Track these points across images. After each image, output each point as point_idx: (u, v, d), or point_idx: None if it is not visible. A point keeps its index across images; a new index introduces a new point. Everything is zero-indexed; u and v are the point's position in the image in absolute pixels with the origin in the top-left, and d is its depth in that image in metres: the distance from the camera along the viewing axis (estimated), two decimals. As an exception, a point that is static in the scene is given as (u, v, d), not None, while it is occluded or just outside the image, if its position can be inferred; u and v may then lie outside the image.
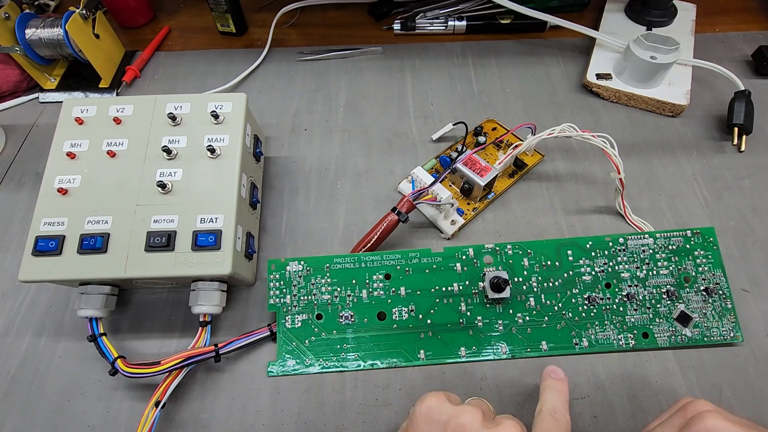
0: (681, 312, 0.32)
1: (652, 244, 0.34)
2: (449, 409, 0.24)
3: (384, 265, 0.34)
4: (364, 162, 0.42)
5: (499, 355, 0.32)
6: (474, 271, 0.34)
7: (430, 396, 0.25)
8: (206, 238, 0.30)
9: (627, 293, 0.33)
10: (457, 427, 0.23)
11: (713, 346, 0.32)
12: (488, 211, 0.39)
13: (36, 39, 0.45)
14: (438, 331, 0.33)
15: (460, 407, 0.24)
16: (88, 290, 0.31)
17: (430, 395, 0.25)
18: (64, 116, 0.35)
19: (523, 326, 0.33)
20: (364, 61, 0.50)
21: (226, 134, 0.34)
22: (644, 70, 0.43)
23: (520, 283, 0.33)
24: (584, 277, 0.34)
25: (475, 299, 0.33)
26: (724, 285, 0.33)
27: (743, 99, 0.42)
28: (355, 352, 0.32)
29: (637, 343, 0.32)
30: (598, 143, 0.35)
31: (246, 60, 0.50)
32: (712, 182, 0.40)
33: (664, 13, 0.49)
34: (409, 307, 0.33)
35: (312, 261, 0.34)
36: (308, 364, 0.32)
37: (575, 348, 0.32)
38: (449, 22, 0.52)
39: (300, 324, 0.33)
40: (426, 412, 0.24)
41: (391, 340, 0.32)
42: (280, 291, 0.33)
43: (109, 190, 0.32)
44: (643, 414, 0.30)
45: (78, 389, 0.32)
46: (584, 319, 0.33)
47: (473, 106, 0.46)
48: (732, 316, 0.32)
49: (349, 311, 0.33)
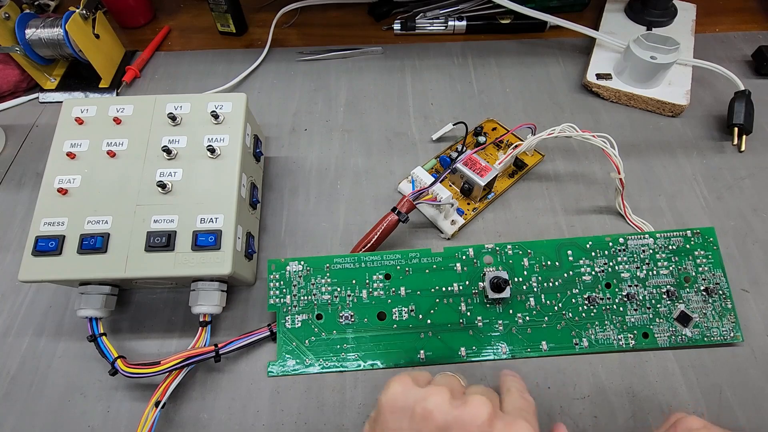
0: (681, 312, 0.32)
1: (652, 244, 0.34)
2: (415, 394, 0.22)
3: (384, 265, 0.34)
4: (364, 162, 0.42)
5: (499, 355, 0.32)
6: (474, 271, 0.34)
7: (394, 382, 0.23)
8: (206, 238, 0.30)
9: (627, 293, 0.33)
10: (425, 413, 0.21)
11: (713, 346, 0.32)
12: (488, 211, 0.39)
13: (36, 39, 0.45)
14: (438, 331, 0.32)
15: (426, 390, 0.23)
16: (88, 290, 0.31)
17: (394, 381, 0.23)
18: (64, 116, 0.35)
19: (523, 326, 0.33)
20: (364, 61, 0.50)
21: (226, 134, 0.34)
22: (644, 70, 0.43)
23: (520, 283, 0.33)
24: (584, 277, 0.33)
25: (475, 299, 0.33)
26: (724, 285, 0.33)
27: (743, 99, 0.42)
28: (355, 352, 0.32)
29: (637, 343, 0.32)
30: (598, 143, 0.35)
31: (246, 60, 0.50)
32: (712, 182, 0.40)
33: (664, 13, 0.49)
34: (409, 307, 0.33)
35: (312, 261, 0.34)
36: (308, 364, 0.32)
37: (575, 348, 0.32)
38: (449, 22, 0.52)
39: (300, 324, 0.33)
40: (391, 402, 0.22)
41: (391, 340, 0.32)
42: (280, 291, 0.33)
43: (109, 190, 0.32)
44: (643, 414, 0.30)
45: (78, 389, 0.32)
46: (584, 319, 0.33)
47: (473, 106, 0.46)
48: (732, 316, 0.32)
49: (349, 311, 0.33)
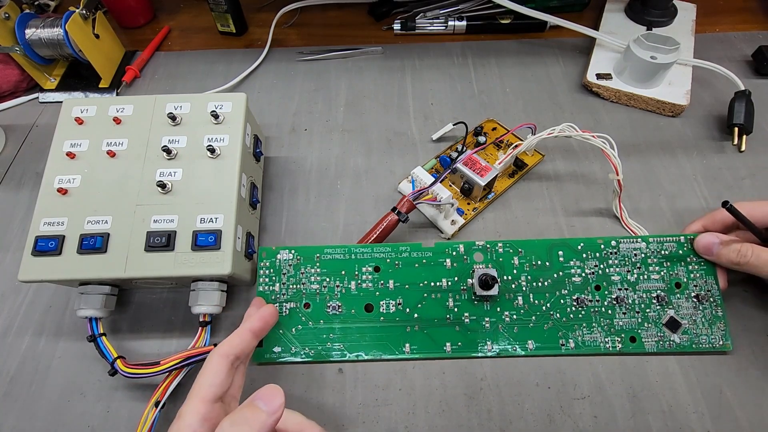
0: (670, 317, 0.32)
1: (645, 249, 0.34)
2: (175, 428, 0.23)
3: (374, 258, 0.34)
4: (364, 162, 0.42)
5: (484, 353, 0.32)
6: (464, 268, 0.34)
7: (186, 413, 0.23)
8: (206, 238, 0.30)
9: (616, 296, 0.33)
10: None
11: (701, 353, 0.32)
12: (488, 211, 0.39)
13: (36, 39, 0.45)
14: (424, 326, 0.32)
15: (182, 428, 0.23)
16: (88, 290, 0.31)
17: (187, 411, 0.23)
18: (64, 116, 0.35)
19: (510, 324, 0.32)
20: (364, 61, 0.50)
21: (226, 134, 0.34)
22: (644, 70, 0.43)
23: (509, 281, 0.33)
24: (574, 278, 0.33)
25: (463, 296, 0.33)
26: (715, 293, 0.33)
27: (743, 99, 0.42)
28: (341, 343, 0.32)
29: (624, 346, 0.32)
30: (597, 143, 0.35)
31: (246, 60, 0.50)
32: (712, 182, 0.40)
33: (664, 13, 0.49)
34: (396, 300, 0.33)
35: (303, 250, 0.34)
36: (294, 352, 0.32)
37: (561, 349, 0.32)
38: (449, 22, 0.52)
39: (288, 312, 0.33)
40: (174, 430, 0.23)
41: (378, 332, 0.32)
42: (270, 279, 0.33)
43: (109, 190, 0.32)
44: (643, 414, 0.30)
45: (78, 389, 0.32)
46: (572, 321, 0.32)
47: (473, 106, 0.46)
48: (722, 324, 0.32)
49: (337, 302, 0.33)
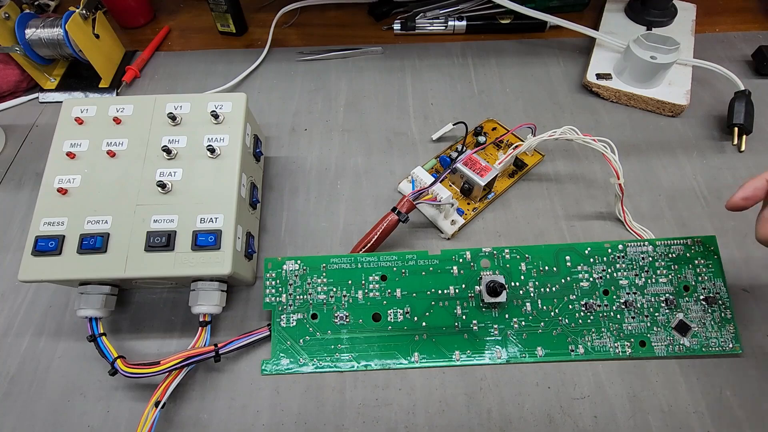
0: (680, 321, 0.32)
1: (652, 252, 0.34)
2: None
3: (380, 267, 0.34)
4: (364, 162, 0.42)
5: (494, 360, 0.32)
6: (471, 275, 0.33)
7: None
8: (206, 238, 0.30)
9: (625, 300, 0.33)
10: None
11: (711, 356, 0.32)
12: (488, 211, 0.39)
13: (36, 39, 0.45)
14: (433, 334, 0.32)
15: None
16: (88, 290, 0.31)
17: None
18: (63, 116, 0.35)
19: (519, 331, 0.32)
20: (364, 61, 0.50)
21: (226, 134, 0.34)
22: (644, 70, 0.43)
23: (516, 287, 0.33)
24: (582, 283, 0.33)
25: (470, 303, 0.33)
26: (724, 295, 0.32)
27: (743, 99, 0.42)
28: (349, 353, 0.32)
29: (633, 351, 0.32)
30: (598, 147, 0.35)
31: (246, 60, 0.50)
32: (712, 182, 0.40)
33: (664, 13, 0.49)
34: (404, 309, 0.33)
35: (309, 260, 0.34)
36: (302, 364, 0.32)
37: (570, 354, 0.32)
38: (449, 22, 0.52)
39: (295, 323, 0.33)
40: None
41: (386, 341, 0.32)
42: (276, 290, 0.33)
43: (109, 190, 0.32)
44: (643, 414, 0.30)
45: (78, 389, 0.32)
46: (581, 326, 0.32)
47: (473, 106, 0.46)
48: (731, 327, 0.32)
49: (345, 312, 0.33)
